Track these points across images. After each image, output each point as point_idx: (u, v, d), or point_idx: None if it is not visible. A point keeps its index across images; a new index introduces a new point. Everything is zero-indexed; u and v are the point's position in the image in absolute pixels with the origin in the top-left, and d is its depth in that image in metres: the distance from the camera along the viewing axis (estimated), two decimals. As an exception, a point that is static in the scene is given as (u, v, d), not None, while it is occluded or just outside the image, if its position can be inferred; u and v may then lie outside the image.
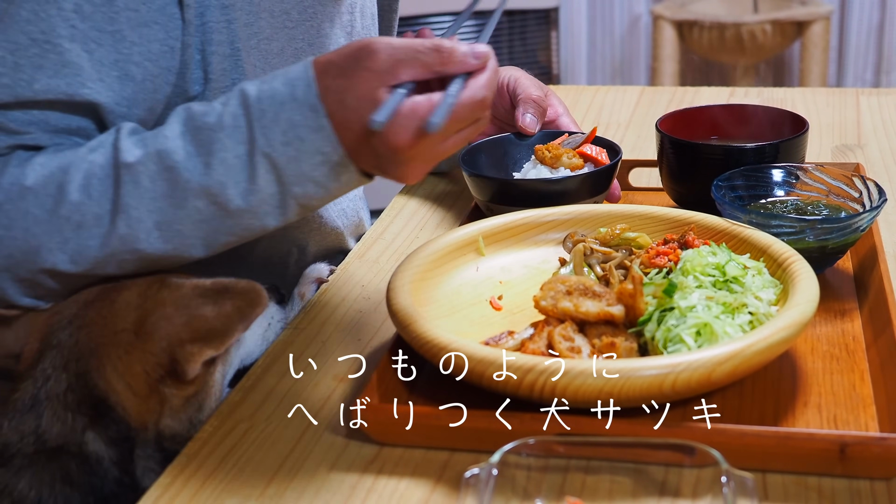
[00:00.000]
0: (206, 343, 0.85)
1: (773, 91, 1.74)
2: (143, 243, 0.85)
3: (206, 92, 0.94)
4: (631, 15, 3.82)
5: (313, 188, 0.83)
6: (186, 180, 0.83)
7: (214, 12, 0.93)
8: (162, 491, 0.80)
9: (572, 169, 1.13)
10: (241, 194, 0.83)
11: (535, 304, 0.88)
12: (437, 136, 0.79)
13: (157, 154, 0.83)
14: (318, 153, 0.81)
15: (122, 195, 0.84)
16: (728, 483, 0.69)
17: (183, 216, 0.84)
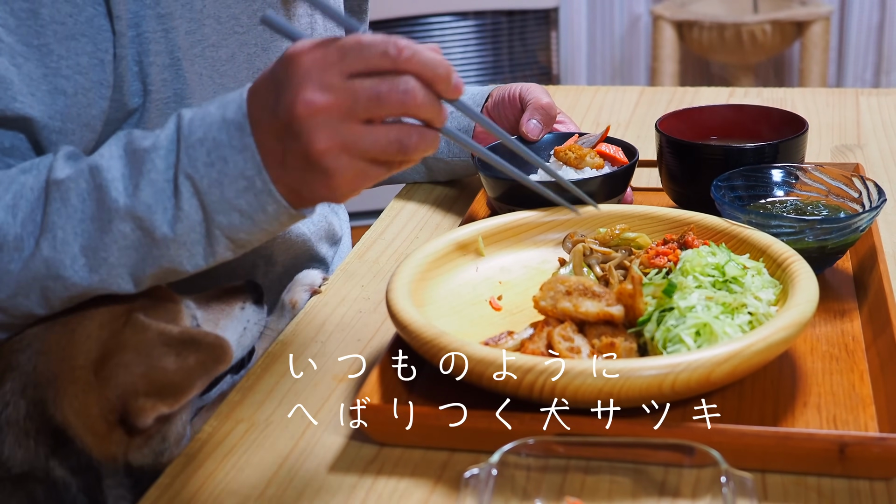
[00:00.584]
0: (160, 398, 0.80)
1: (773, 91, 1.74)
2: (67, 270, 0.79)
3: (147, 104, 0.92)
4: (631, 15, 3.82)
5: (238, 219, 0.76)
6: (114, 200, 0.77)
7: (150, 23, 0.90)
8: (162, 491, 0.80)
9: (595, 168, 1.13)
10: (168, 221, 0.77)
11: (534, 305, 0.88)
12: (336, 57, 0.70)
13: (90, 170, 0.78)
14: (242, 177, 0.74)
15: (49, 213, 0.78)
16: (728, 483, 0.69)
17: (109, 241, 0.78)
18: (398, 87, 0.70)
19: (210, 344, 0.82)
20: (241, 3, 0.98)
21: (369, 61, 0.71)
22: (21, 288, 0.80)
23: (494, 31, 3.81)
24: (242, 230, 0.77)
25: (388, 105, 0.71)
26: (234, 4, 0.98)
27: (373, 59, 0.71)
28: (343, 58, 0.71)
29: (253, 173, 0.74)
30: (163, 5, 0.90)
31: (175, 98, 0.93)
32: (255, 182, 0.75)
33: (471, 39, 3.80)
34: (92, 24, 0.87)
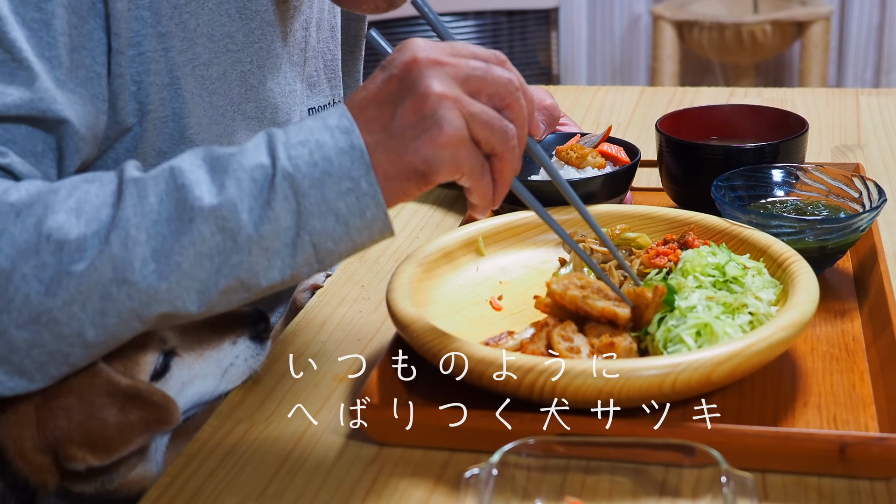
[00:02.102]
0: (92, 451, 0.78)
1: (773, 91, 1.74)
2: (136, 273, 0.73)
3: (144, 123, 0.90)
4: (631, 15, 3.82)
5: (333, 223, 0.73)
6: (197, 198, 0.73)
7: (151, 42, 0.89)
8: (162, 491, 0.80)
9: (597, 168, 1.13)
10: (253, 221, 0.73)
11: (546, 286, 0.87)
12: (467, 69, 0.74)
13: (171, 171, 0.75)
14: (348, 178, 0.73)
15: (124, 209, 0.73)
16: (728, 483, 0.69)
17: (186, 244, 0.73)
18: (507, 78, 0.75)
19: (155, 402, 0.80)
20: (236, 22, 0.97)
21: (476, 54, 0.76)
22: (81, 293, 0.73)
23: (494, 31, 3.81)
24: (333, 236, 0.74)
25: (495, 85, 0.75)
26: (229, 23, 0.97)
27: (480, 55, 0.76)
28: (454, 49, 0.75)
29: (360, 174, 0.73)
30: (163, 24, 0.90)
31: (173, 117, 0.92)
32: (360, 183, 0.73)
33: (471, 39, 3.80)
34: (91, 38, 0.86)
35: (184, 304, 0.75)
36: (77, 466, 0.78)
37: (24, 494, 0.81)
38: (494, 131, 0.74)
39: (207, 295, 0.75)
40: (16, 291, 0.73)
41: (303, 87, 1.09)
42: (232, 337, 0.90)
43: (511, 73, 0.76)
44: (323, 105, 1.13)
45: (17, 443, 0.79)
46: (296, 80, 1.07)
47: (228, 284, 0.75)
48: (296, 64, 1.07)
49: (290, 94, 1.06)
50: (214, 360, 0.89)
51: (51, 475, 0.80)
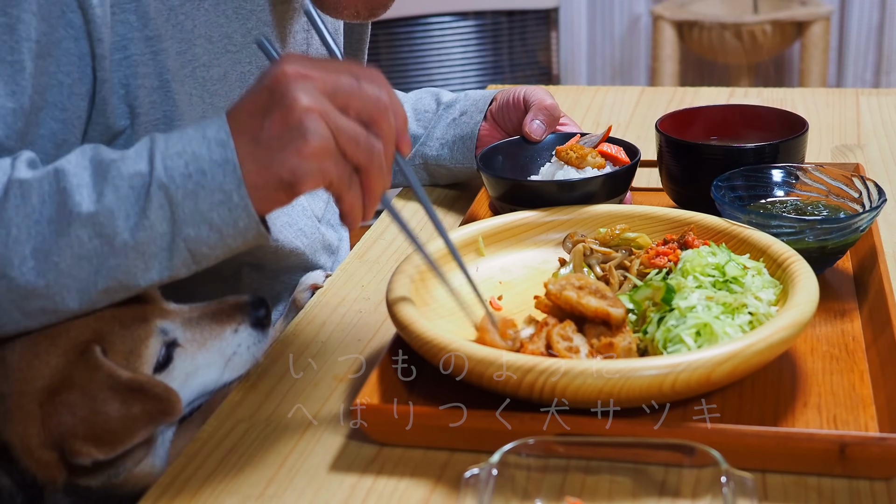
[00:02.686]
0: (97, 445, 0.79)
1: (773, 91, 1.74)
2: (15, 270, 0.77)
3: (135, 126, 0.91)
4: (631, 15, 3.82)
5: (207, 232, 0.77)
6: (76, 203, 0.76)
7: (139, 45, 0.90)
8: (162, 491, 0.80)
9: (597, 168, 1.13)
10: (129, 228, 0.76)
11: (544, 287, 0.88)
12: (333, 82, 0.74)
13: (55, 173, 0.78)
14: (220, 190, 0.75)
15: (7, 209, 0.77)
16: (728, 483, 0.69)
17: (63, 246, 0.77)
18: (376, 93, 0.75)
19: (157, 395, 0.81)
20: (234, 23, 0.97)
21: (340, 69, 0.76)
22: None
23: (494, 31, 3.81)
24: (207, 244, 0.78)
25: (364, 98, 0.75)
26: (227, 24, 0.97)
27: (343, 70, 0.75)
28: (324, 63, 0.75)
29: (231, 188, 0.76)
30: (151, 27, 0.90)
31: (164, 119, 0.92)
32: (231, 196, 0.76)
33: (471, 39, 3.80)
34: (59, 47, 0.86)
35: (63, 301, 0.79)
36: (83, 461, 0.79)
37: (32, 492, 0.82)
38: (360, 146, 0.75)
39: (87, 294, 0.79)
40: None
41: None
42: (233, 325, 0.90)
43: (381, 91, 0.76)
44: None
45: (23, 440, 0.80)
46: None
47: (107, 285, 0.79)
48: None
49: None
50: (217, 350, 0.89)
51: (58, 471, 0.81)
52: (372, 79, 0.76)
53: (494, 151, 1.18)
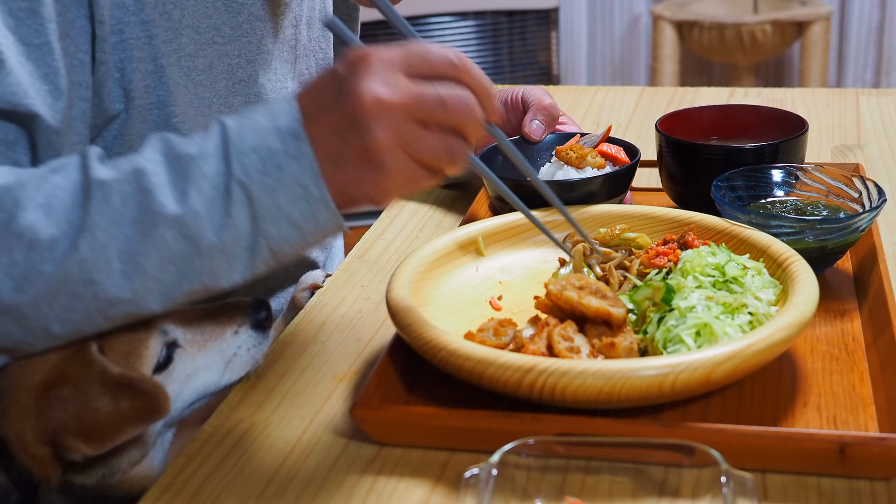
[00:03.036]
0: (86, 440, 0.79)
1: (773, 91, 1.74)
2: (102, 273, 0.76)
3: (130, 110, 0.91)
4: (631, 15, 3.82)
5: (287, 228, 0.76)
6: (161, 204, 0.75)
7: (134, 29, 0.89)
8: (162, 491, 0.80)
9: (597, 168, 1.13)
10: (214, 229, 0.75)
11: (544, 287, 0.88)
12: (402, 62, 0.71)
13: (134, 173, 0.76)
14: (297, 184, 0.74)
15: (91, 213, 0.75)
16: (728, 483, 0.69)
17: (150, 247, 0.75)
18: (460, 97, 0.73)
19: (146, 392, 0.80)
20: (223, 15, 0.97)
21: (434, 67, 0.73)
22: (49, 291, 0.76)
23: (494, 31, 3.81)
24: (288, 240, 0.77)
25: (450, 111, 0.73)
26: (216, 15, 0.97)
27: (438, 66, 0.73)
28: (409, 60, 0.72)
29: (309, 181, 0.74)
30: (146, 12, 0.90)
31: (158, 104, 0.92)
32: (310, 190, 0.74)
33: (471, 39, 3.80)
34: (74, 25, 0.86)
35: (147, 305, 0.78)
36: (73, 456, 0.79)
37: (28, 490, 0.82)
38: (442, 158, 0.74)
39: (170, 296, 0.78)
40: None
41: (294, 84, 1.09)
42: (233, 326, 0.90)
43: (462, 91, 0.73)
44: None
45: (19, 435, 0.79)
46: (287, 77, 1.07)
47: (191, 288, 0.78)
48: (286, 61, 1.06)
49: (282, 90, 1.06)
50: (217, 351, 0.89)
51: (53, 468, 0.80)
52: (455, 73, 0.73)
53: (494, 151, 1.18)
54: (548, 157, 1.18)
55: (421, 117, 0.72)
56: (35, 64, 0.83)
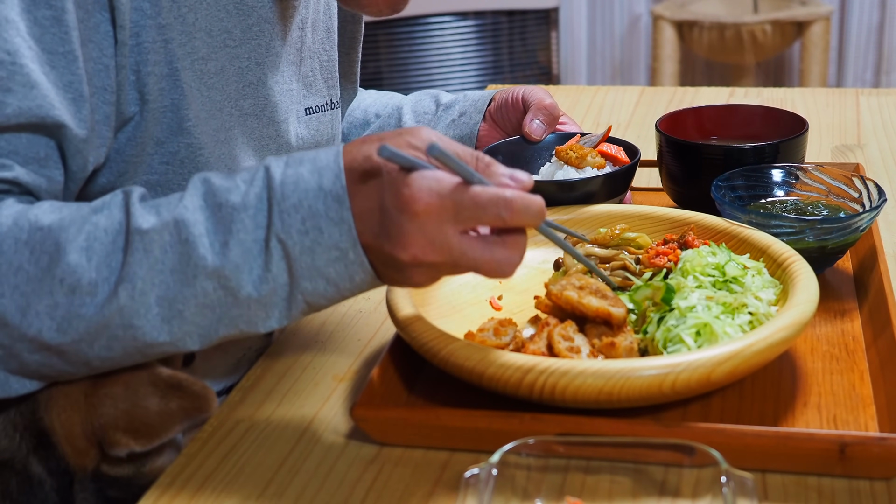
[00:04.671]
0: (135, 437, 0.82)
1: (773, 91, 1.74)
2: (140, 319, 0.78)
3: (144, 112, 0.91)
4: (631, 15, 3.82)
5: (324, 286, 0.78)
6: (201, 257, 0.77)
7: (150, 32, 0.90)
8: (162, 491, 0.80)
9: (597, 168, 1.13)
10: (253, 282, 0.77)
11: (544, 287, 0.88)
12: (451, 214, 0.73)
13: (175, 224, 0.78)
14: (335, 248, 0.76)
15: (131, 263, 0.77)
16: (728, 483, 0.69)
17: (188, 296, 0.78)
18: (497, 264, 0.75)
19: (195, 392, 0.83)
20: (234, 17, 0.97)
21: (482, 220, 0.74)
22: (89, 334, 0.78)
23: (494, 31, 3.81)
24: (324, 296, 0.79)
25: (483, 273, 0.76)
26: (227, 18, 0.97)
27: (486, 219, 0.74)
28: (458, 214, 0.74)
29: (347, 246, 0.76)
30: (163, 16, 0.90)
31: (172, 107, 0.92)
32: (348, 254, 0.77)
33: (471, 39, 3.80)
34: (98, 30, 0.86)
35: (185, 345, 0.80)
36: (119, 452, 0.82)
37: (63, 479, 0.84)
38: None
39: (208, 338, 0.80)
40: (29, 326, 0.78)
41: (299, 86, 1.09)
42: None
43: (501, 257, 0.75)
44: (319, 105, 1.13)
45: (65, 427, 0.82)
46: (292, 79, 1.07)
47: (228, 332, 0.80)
48: (292, 63, 1.07)
49: (287, 92, 1.06)
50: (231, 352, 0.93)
51: (90, 460, 0.83)
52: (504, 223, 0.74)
53: (494, 151, 1.18)
54: (548, 157, 1.18)
55: (455, 270, 0.76)
56: (59, 72, 0.84)
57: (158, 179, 0.93)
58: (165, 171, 0.93)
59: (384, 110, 1.32)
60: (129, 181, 0.92)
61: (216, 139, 0.96)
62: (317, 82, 1.13)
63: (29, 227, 0.78)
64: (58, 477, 0.84)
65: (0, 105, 0.80)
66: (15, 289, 0.77)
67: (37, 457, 0.84)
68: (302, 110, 1.10)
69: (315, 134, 1.12)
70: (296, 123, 1.08)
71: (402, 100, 1.33)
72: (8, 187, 0.82)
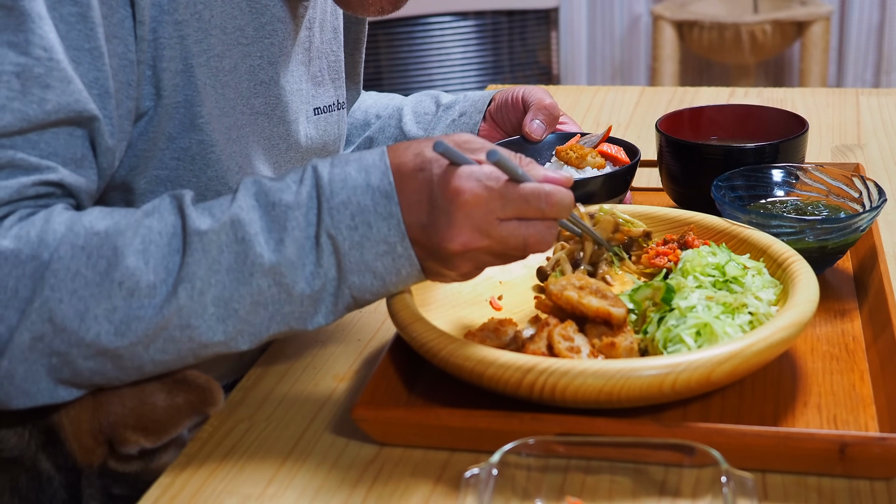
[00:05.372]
0: (144, 434, 0.83)
1: (773, 91, 1.74)
2: (198, 319, 0.79)
3: (158, 107, 0.92)
4: (631, 15, 3.82)
5: (371, 280, 0.81)
6: (258, 255, 0.79)
7: (167, 28, 0.91)
8: (162, 491, 0.80)
9: (597, 168, 1.13)
10: (306, 278, 0.79)
11: (544, 287, 0.88)
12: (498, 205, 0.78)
13: (231, 223, 0.79)
14: (384, 242, 0.79)
15: (189, 263, 0.78)
16: (728, 483, 0.69)
17: (244, 294, 0.79)
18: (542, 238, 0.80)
19: (200, 386, 0.84)
20: (247, 15, 0.98)
21: (525, 213, 0.79)
22: (147, 336, 0.79)
23: (494, 31, 3.81)
24: (370, 290, 0.81)
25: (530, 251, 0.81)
26: (241, 16, 0.97)
27: (529, 212, 0.79)
28: (505, 206, 0.78)
29: (396, 240, 0.79)
30: (179, 12, 0.91)
31: (185, 103, 0.93)
32: (396, 248, 0.80)
33: (471, 39, 3.80)
34: (123, 26, 0.87)
35: (237, 345, 0.82)
36: (129, 449, 0.83)
37: (71, 476, 0.85)
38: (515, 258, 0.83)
39: (258, 337, 0.82)
40: (87, 331, 0.78)
41: (308, 86, 1.09)
42: None
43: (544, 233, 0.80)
44: (328, 105, 1.13)
45: (73, 424, 0.83)
46: (302, 79, 1.07)
47: (279, 330, 0.82)
48: (302, 63, 1.07)
49: (297, 92, 1.06)
50: None
51: (97, 457, 0.84)
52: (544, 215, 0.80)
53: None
54: (548, 157, 1.18)
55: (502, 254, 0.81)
56: (86, 69, 0.84)
57: (169, 175, 0.93)
58: (176, 167, 0.93)
59: (384, 111, 1.32)
60: (140, 176, 0.92)
61: (228, 136, 0.96)
62: (325, 82, 1.13)
63: (85, 233, 0.79)
64: (66, 473, 0.85)
65: (41, 102, 0.81)
66: (73, 294, 0.77)
67: (45, 453, 0.84)
68: (311, 110, 1.10)
69: (323, 134, 1.12)
70: (305, 123, 1.08)
71: (402, 101, 1.33)
72: (53, 190, 0.83)
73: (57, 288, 0.77)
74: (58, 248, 0.78)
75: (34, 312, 0.77)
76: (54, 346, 0.78)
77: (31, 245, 0.78)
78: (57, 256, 0.78)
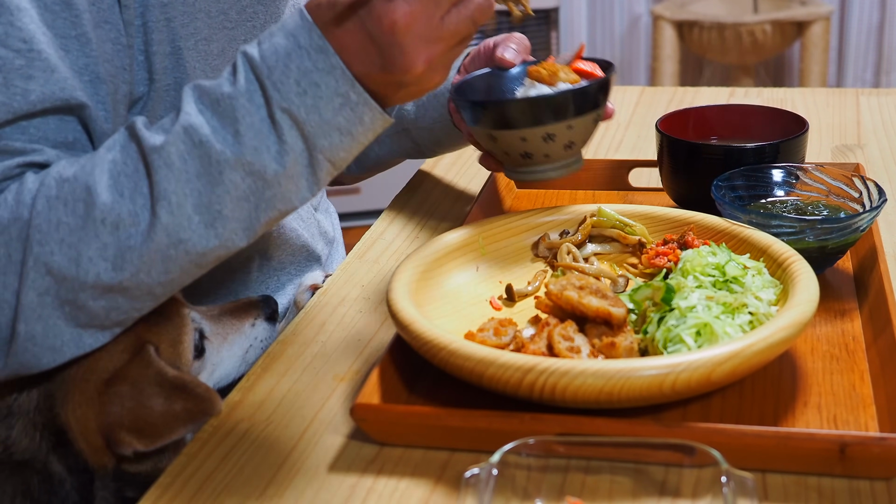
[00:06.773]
0: (138, 437, 0.83)
1: (773, 91, 1.74)
2: (186, 231, 0.80)
3: (151, 92, 0.93)
4: (631, 15, 3.82)
5: (338, 137, 0.80)
6: (220, 152, 0.78)
7: (154, 11, 0.92)
8: (162, 491, 0.80)
9: (570, 84, 1.05)
10: (274, 157, 0.79)
11: (545, 288, 0.88)
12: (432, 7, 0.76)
13: (185, 131, 0.79)
14: (337, 95, 0.78)
15: (158, 181, 0.79)
16: (728, 483, 0.69)
17: (221, 193, 0.79)
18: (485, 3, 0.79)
19: (199, 394, 0.84)
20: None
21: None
22: (144, 263, 0.80)
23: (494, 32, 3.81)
24: (343, 148, 0.80)
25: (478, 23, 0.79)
26: (223, 0, 0.98)
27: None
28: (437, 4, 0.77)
29: (347, 89, 0.78)
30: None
31: (175, 86, 0.94)
32: (349, 97, 0.78)
33: (471, 39, 3.79)
34: (113, 11, 0.88)
35: (234, 244, 0.82)
36: (124, 451, 0.83)
37: (83, 477, 0.85)
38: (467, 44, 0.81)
39: (252, 229, 0.82)
40: (86, 273, 0.80)
41: None
42: (250, 320, 0.98)
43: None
44: None
45: (80, 422, 0.84)
46: None
47: (269, 216, 0.82)
48: None
49: None
50: (238, 343, 0.95)
51: (107, 457, 0.85)
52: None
53: (467, 84, 1.11)
54: (520, 84, 1.09)
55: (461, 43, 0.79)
56: (74, 56, 0.85)
57: None
58: None
59: None
60: None
61: None
62: None
63: (56, 184, 0.80)
64: (78, 475, 0.85)
65: (24, 93, 0.82)
66: (61, 242, 0.79)
67: (56, 455, 0.85)
68: None
69: None
70: None
71: None
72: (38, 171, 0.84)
73: (44, 242, 0.79)
74: (34, 204, 0.80)
75: (31, 271, 0.79)
76: (61, 295, 0.80)
77: (10, 209, 0.80)
78: (35, 212, 0.79)
